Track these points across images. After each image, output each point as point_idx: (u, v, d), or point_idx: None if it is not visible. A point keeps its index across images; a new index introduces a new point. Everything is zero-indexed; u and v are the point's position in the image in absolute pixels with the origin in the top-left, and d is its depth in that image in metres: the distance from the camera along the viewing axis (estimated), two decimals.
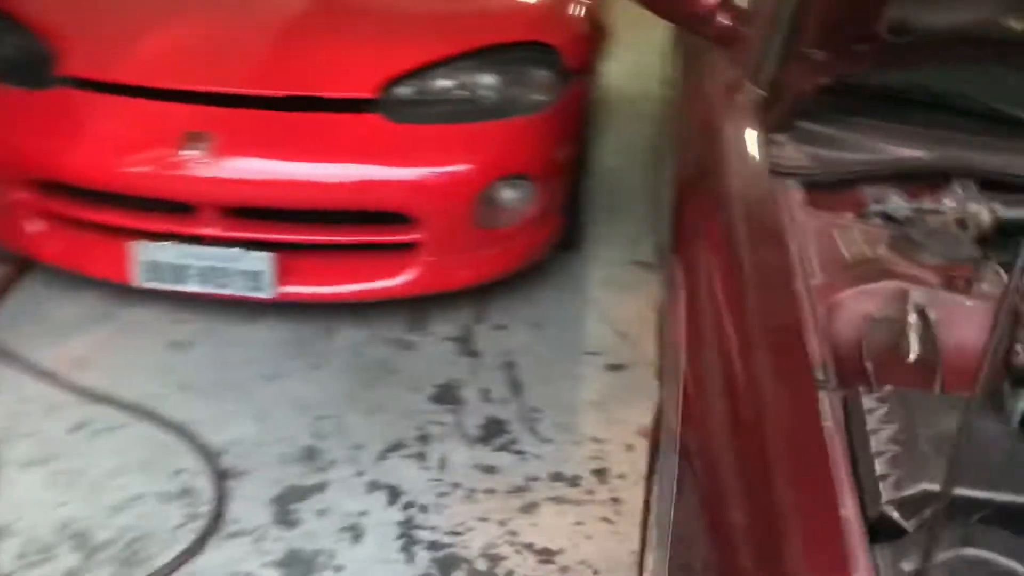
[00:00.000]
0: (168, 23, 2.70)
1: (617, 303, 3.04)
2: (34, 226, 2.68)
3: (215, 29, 2.70)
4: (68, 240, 2.68)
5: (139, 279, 2.60)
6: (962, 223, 1.39)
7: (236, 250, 2.54)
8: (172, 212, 2.58)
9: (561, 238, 2.98)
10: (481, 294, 2.90)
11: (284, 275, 2.58)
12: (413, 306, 2.85)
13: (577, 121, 2.88)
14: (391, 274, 2.66)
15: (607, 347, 2.81)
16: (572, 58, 2.79)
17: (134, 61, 2.59)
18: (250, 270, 2.56)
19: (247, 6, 2.82)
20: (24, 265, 2.93)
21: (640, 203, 3.67)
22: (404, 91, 2.59)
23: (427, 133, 2.57)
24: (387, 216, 2.59)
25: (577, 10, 3.00)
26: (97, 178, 2.52)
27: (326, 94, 2.55)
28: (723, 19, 1.86)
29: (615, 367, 2.72)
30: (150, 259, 2.57)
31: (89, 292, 2.86)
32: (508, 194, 2.65)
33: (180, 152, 2.45)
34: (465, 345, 2.78)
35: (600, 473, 2.35)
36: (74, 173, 2.52)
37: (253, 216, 2.57)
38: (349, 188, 2.51)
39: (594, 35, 3.03)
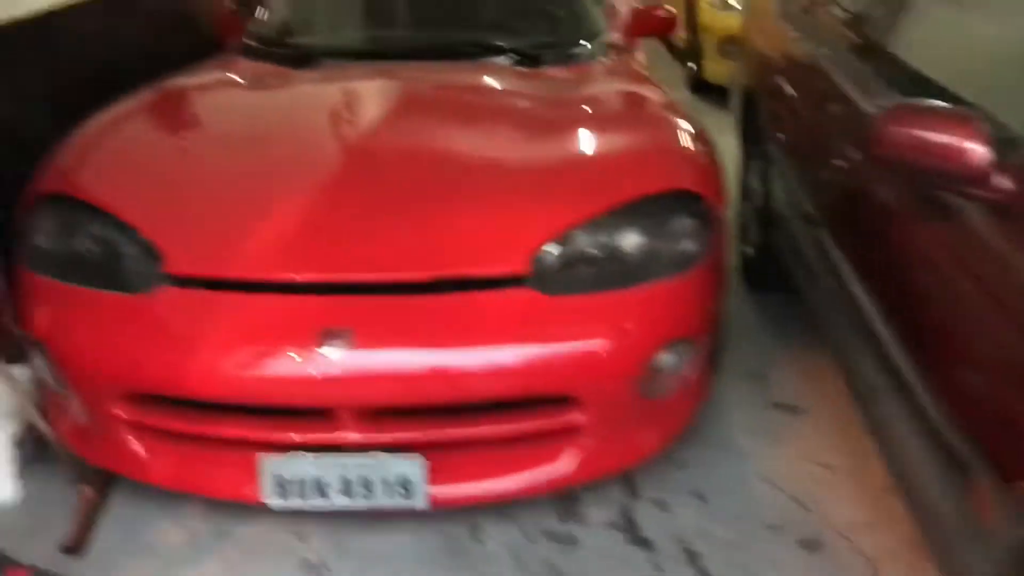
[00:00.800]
0: (283, 210, 2.41)
1: (773, 457, 2.75)
2: (139, 445, 2.33)
3: (334, 212, 2.42)
4: (181, 458, 2.34)
5: (270, 497, 2.26)
6: None
7: (381, 456, 2.22)
8: (304, 418, 2.26)
9: None
10: None
11: (435, 477, 2.26)
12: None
13: (725, 267, 2.63)
14: (551, 462, 2.35)
15: (787, 518, 2.51)
16: (715, 202, 2.55)
17: (251, 253, 2.28)
18: (399, 477, 2.23)
19: (361, 184, 2.53)
20: (107, 482, 2.57)
21: (755, 333, 3.43)
22: (551, 259, 2.33)
23: (583, 304, 2.30)
24: (543, 399, 2.29)
25: (703, 147, 2.79)
26: (216, 388, 2.19)
27: (472, 272, 2.27)
28: (1002, 181, 1.62)
29: (809, 544, 2.42)
30: (282, 474, 2.23)
31: (190, 508, 2.51)
32: (671, 359, 2.37)
33: (314, 351, 2.15)
34: (631, 532, 2.46)
35: None
36: (188, 384, 2.19)
37: (396, 415, 2.27)
38: (509, 375, 2.21)
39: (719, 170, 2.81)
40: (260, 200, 2.43)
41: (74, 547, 2.38)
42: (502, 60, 3.41)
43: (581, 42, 3.59)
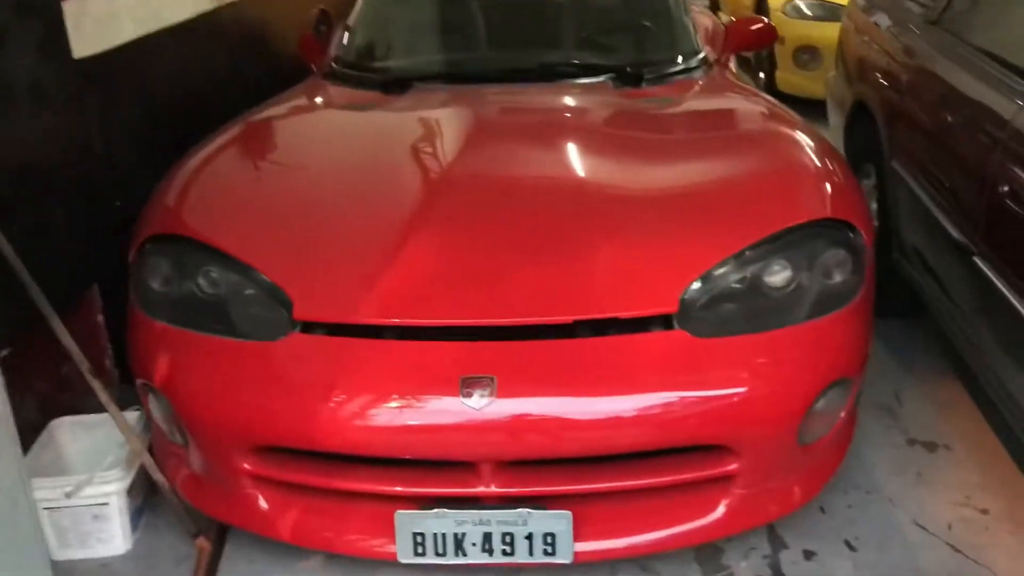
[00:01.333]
0: (413, 250, 2.27)
1: (920, 499, 2.57)
2: (265, 498, 2.21)
3: (466, 252, 2.28)
4: (309, 513, 2.21)
5: (404, 554, 2.12)
6: None
7: (524, 510, 2.08)
8: (442, 471, 2.12)
9: None
10: None
11: (578, 530, 2.12)
12: None
13: (874, 299, 2.47)
14: (701, 514, 2.19)
15: (951, 569, 2.33)
16: (866, 231, 2.39)
17: (383, 297, 2.14)
18: (544, 532, 2.09)
19: (492, 220, 2.39)
20: (223, 535, 2.46)
21: (880, 362, 3.25)
22: (697, 299, 2.17)
23: (738, 345, 2.14)
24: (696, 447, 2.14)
25: (841, 167, 2.62)
26: (349, 441, 2.05)
27: (616, 314, 2.13)
28: None
29: None
30: (419, 530, 2.10)
31: (307, 561, 2.38)
32: (829, 401, 2.21)
33: (454, 401, 2.01)
34: None
35: None
36: (320, 437, 2.05)
37: (539, 466, 2.12)
38: (659, 423, 2.06)
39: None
40: (388, 239, 2.29)
41: None
42: (601, 80, 3.26)
43: (680, 59, 3.44)
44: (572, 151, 2.76)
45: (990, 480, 2.65)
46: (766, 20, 3.92)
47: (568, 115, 3.08)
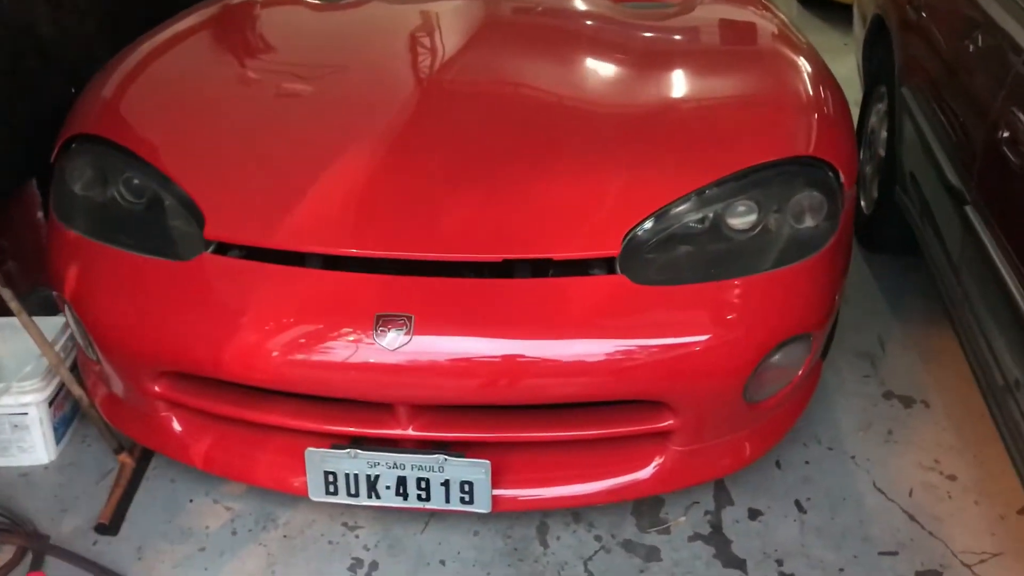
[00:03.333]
0: (343, 171, 2.08)
1: (886, 461, 2.41)
2: (178, 423, 2.11)
3: (401, 175, 2.08)
4: (222, 441, 2.11)
5: (316, 493, 2.02)
6: None
7: (440, 456, 1.95)
8: (356, 410, 1.99)
9: None
10: None
11: (498, 478, 2.00)
12: None
13: (851, 247, 2.25)
14: (632, 469, 2.06)
15: (902, 539, 2.19)
16: (848, 174, 2.15)
17: (303, 222, 1.97)
18: (461, 480, 1.97)
19: (432, 141, 2.17)
20: (147, 454, 2.37)
21: (867, 303, 3.05)
22: (647, 240, 1.98)
23: (684, 295, 1.95)
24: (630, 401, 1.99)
25: (833, 99, 2.37)
26: (257, 373, 1.92)
27: (552, 255, 1.94)
28: None
29: None
30: (330, 469, 1.99)
31: (232, 488, 2.30)
32: (785, 359, 2.03)
33: (369, 338, 1.86)
34: (722, 547, 2.17)
35: None
36: (228, 367, 1.92)
37: (458, 411, 1.99)
38: (585, 375, 1.89)
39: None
40: (316, 158, 2.10)
41: (108, 525, 2.18)
42: None
43: None
44: (533, 65, 2.52)
45: (966, 443, 2.48)
46: None
47: (538, 18, 2.82)
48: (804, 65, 2.47)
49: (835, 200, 2.09)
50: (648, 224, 1.98)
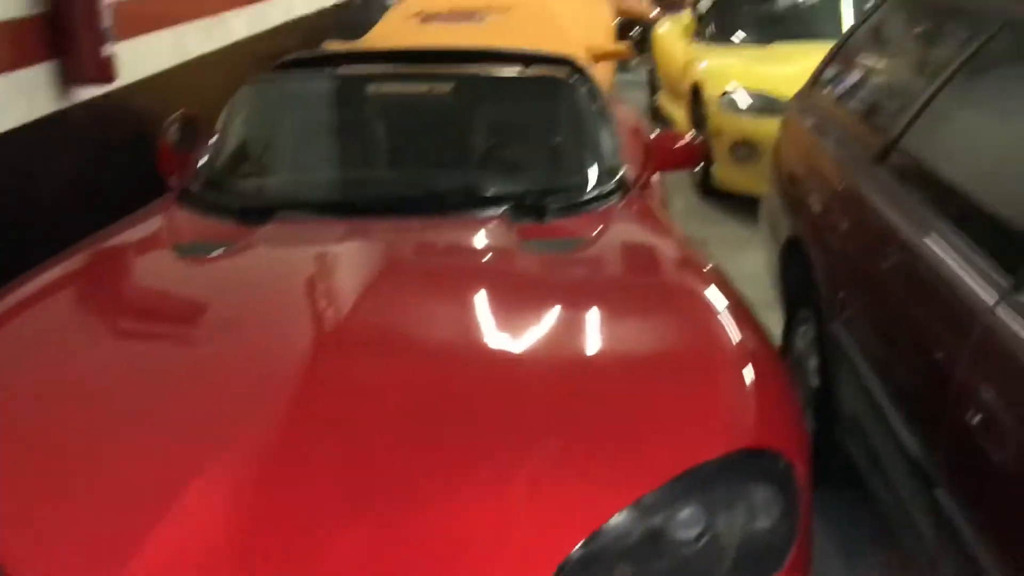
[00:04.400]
0: (192, 513, 1.63)
1: None
2: None
3: (272, 508, 1.65)
4: None
5: None
6: None
7: None
8: None
9: None
10: None
11: None
12: None
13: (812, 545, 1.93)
14: None
15: None
16: (799, 456, 1.86)
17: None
18: None
19: (316, 448, 1.78)
20: None
21: None
22: (582, 567, 1.62)
23: None
24: None
25: (768, 358, 2.12)
26: None
27: None
28: None
29: None
30: None
31: None
32: None
33: None
34: None
35: None
36: None
37: None
38: None
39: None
40: (164, 485, 1.68)
41: None
42: (499, 212, 2.74)
43: (592, 184, 2.95)
44: (434, 335, 2.21)
45: None
46: (693, 135, 3.46)
47: (440, 277, 2.53)
48: (728, 318, 2.22)
49: (789, 493, 1.79)
50: (580, 549, 1.64)
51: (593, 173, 3.03)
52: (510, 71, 3.50)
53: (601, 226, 2.77)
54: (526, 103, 3.41)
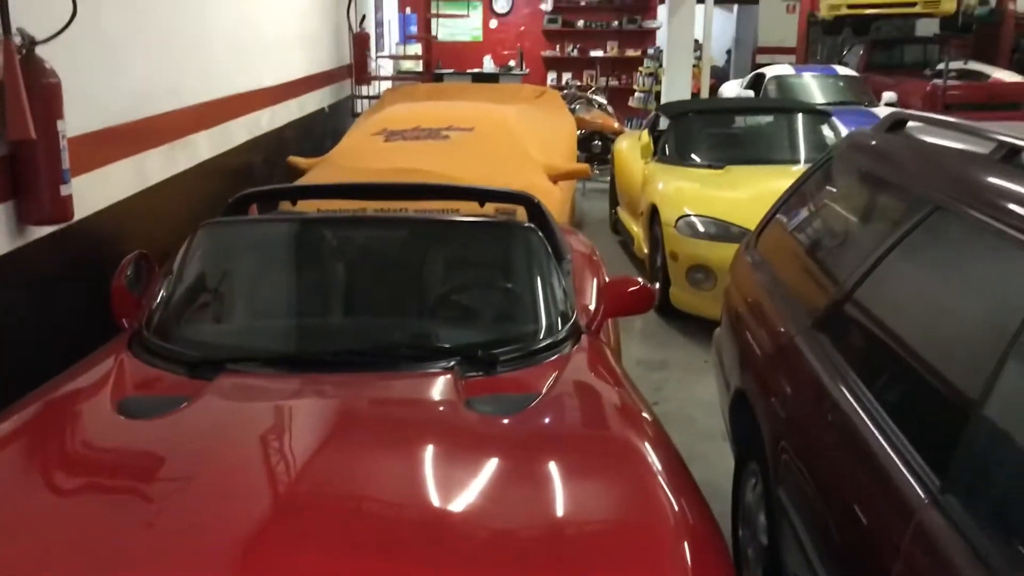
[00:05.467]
0: None
1: None
2: None
3: None
4: None
5: None
6: None
7: None
8: None
9: None
10: None
11: None
12: None
13: None
14: None
15: None
16: None
17: None
18: None
19: None
20: None
21: None
22: None
23: None
24: None
25: (705, 523, 2.14)
26: None
27: None
28: None
29: None
30: None
31: None
32: None
33: None
34: None
35: None
36: None
37: None
38: None
39: None
40: None
41: None
42: (448, 365, 2.76)
43: (543, 332, 2.99)
44: (376, 507, 2.19)
45: None
46: (644, 282, 3.52)
47: (388, 440, 2.51)
48: (666, 490, 2.22)
49: None
50: None
51: (544, 321, 3.07)
52: (464, 217, 3.56)
53: (550, 379, 2.77)
54: (480, 249, 3.47)
